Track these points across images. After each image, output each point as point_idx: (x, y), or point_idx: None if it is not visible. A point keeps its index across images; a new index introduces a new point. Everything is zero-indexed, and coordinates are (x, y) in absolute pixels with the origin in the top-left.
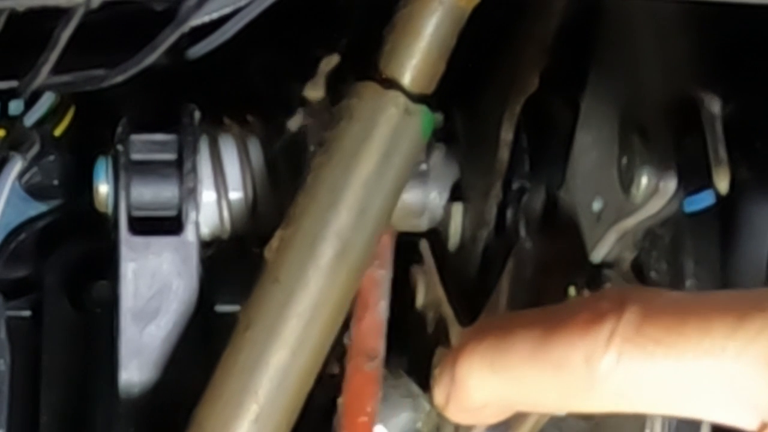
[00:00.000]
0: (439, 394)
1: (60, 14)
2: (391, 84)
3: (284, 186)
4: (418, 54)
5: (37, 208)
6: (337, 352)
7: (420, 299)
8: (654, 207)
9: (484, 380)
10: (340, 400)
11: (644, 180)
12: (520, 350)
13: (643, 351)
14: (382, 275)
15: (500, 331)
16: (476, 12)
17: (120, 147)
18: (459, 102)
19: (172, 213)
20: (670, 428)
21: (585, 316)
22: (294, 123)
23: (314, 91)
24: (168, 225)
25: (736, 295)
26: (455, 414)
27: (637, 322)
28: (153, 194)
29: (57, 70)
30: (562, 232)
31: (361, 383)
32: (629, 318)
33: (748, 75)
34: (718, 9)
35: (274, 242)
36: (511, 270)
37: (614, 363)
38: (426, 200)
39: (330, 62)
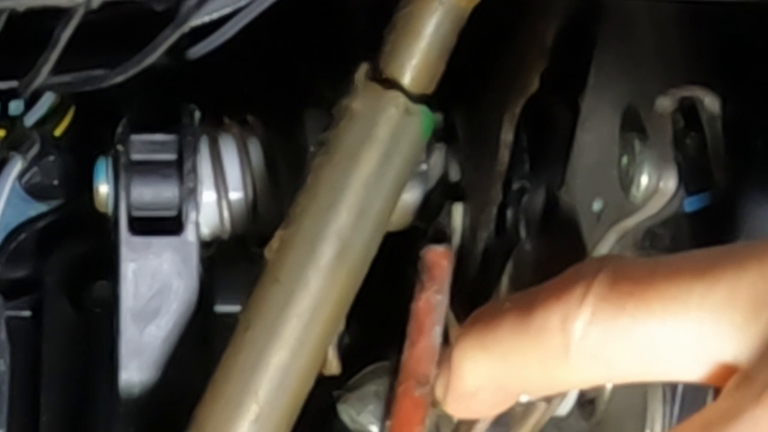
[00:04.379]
0: (438, 385)
1: (60, 14)
2: (391, 84)
3: (284, 186)
4: (418, 54)
5: (37, 208)
6: (390, 373)
7: None
8: (654, 207)
9: (476, 360)
10: (387, 423)
11: (644, 180)
12: (506, 324)
13: (614, 305)
14: (438, 300)
15: (491, 312)
16: (476, 12)
17: (120, 147)
18: (459, 102)
19: (172, 213)
20: (671, 426)
21: (562, 282)
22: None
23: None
24: (168, 225)
25: (706, 250)
26: (452, 404)
27: (610, 280)
28: (153, 194)
29: (57, 70)
30: (562, 233)
31: (409, 408)
32: (602, 278)
33: (747, 74)
34: (718, 9)
35: (274, 242)
36: (511, 271)
37: (588, 322)
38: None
39: (362, 70)
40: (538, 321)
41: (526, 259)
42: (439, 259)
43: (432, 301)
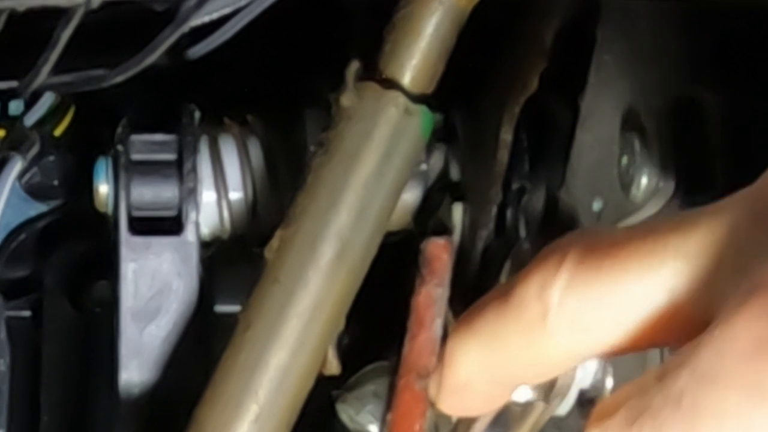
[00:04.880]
0: (432, 381)
1: (60, 14)
2: (391, 84)
3: (284, 186)
4: (418, 54)
5: (37, 208)
6: (390, 370)
7: None
8: (654, 207)
9: (467, 348)
10: (388, 416)
11: (644, 180)
12: (491, 305)
13: (590, 268)
14: (439, 293)
15: (480, 301)
16: (476, 12)
17: (120, 147)
18: (459, 102)
19: (172, 213)
20: None
21: (541, 254)
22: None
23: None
24: (168, 225)
25: (681, 212)
26: (445, 400)
27: (587, 246)
28: (153, 194)
29: (57, 70)
30: (562, 233)
31: (410, 401)
32: (578, 245)
33: (747, 75)
34: (718, 9)
35: (274, 242)
36: (510, 270)
37: (565, 288)
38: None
39: (353, 68)
40: (518, 294)
41: (525, 259)
42: (439, 252)
43: (432, 295)
